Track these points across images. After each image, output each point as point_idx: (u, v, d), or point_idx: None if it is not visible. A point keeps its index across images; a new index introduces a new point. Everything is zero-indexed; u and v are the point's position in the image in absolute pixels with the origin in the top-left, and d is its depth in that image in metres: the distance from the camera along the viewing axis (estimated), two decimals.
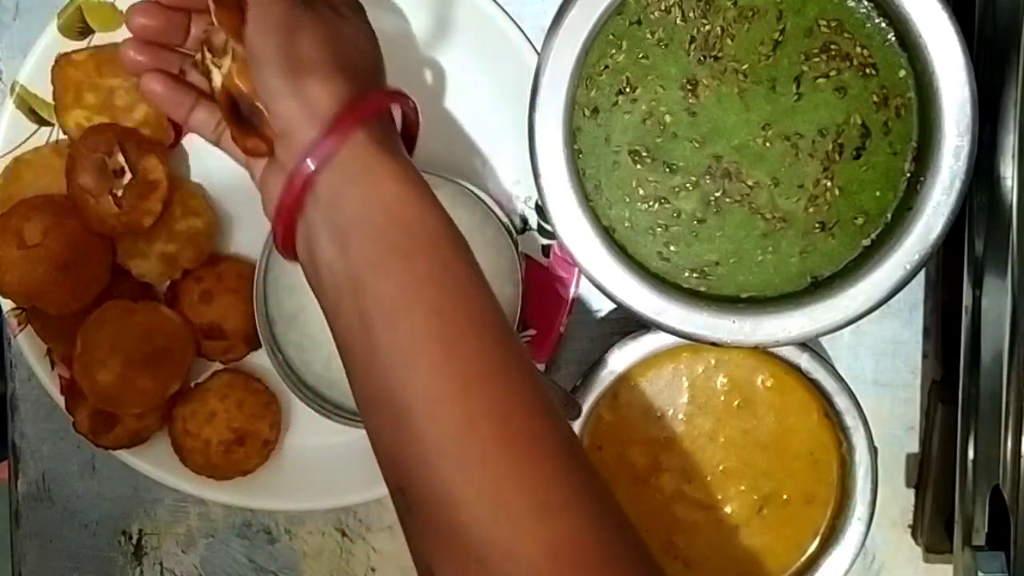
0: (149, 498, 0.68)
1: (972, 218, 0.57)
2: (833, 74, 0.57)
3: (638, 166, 0.58)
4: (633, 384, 0.62)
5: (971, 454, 0.57)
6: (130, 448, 0.64)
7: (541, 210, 0.63)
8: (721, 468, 0.62)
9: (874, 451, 0.61)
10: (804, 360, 0.61)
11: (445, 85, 0.63)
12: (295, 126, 0.45)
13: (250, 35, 0.46)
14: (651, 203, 0.59)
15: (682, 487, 0.62)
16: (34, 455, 0.68)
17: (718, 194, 0.58)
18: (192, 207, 0.63)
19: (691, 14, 0.57)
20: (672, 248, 0.59)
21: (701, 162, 0.58)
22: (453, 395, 0.42)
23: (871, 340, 0.64)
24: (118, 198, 0.60)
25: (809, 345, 0.61)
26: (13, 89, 0.62)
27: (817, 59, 0.57)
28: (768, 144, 0.58)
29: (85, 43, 0.62)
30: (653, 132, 0.58)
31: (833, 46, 0.57)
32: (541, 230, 0.63)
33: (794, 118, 0.58)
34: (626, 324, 0.63)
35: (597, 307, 0.65)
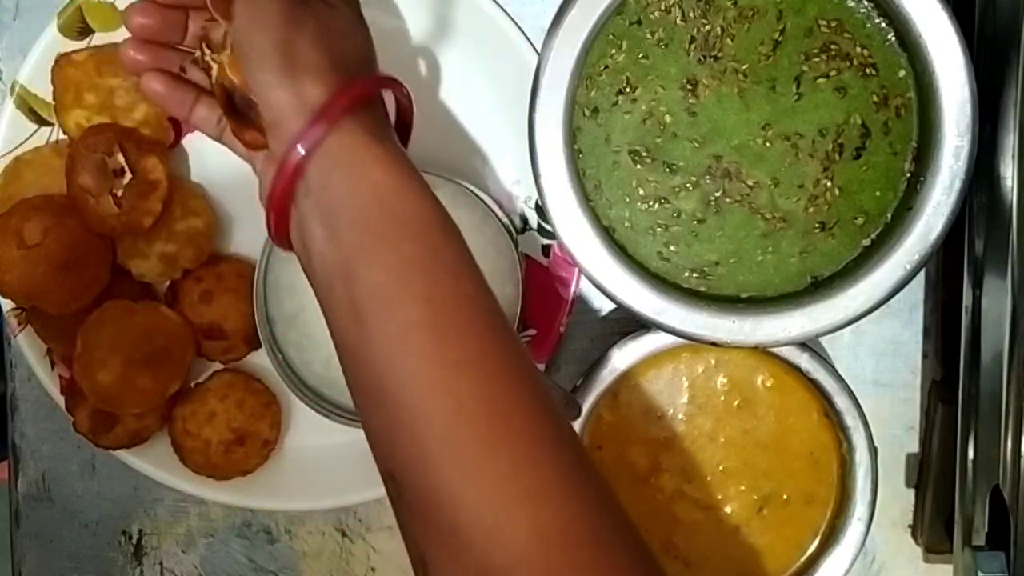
0: (149, 498, 0.68)
1: (972, 218, 0.57)
2: (833, 74, 0.57)
3: (638, 166, 0.58)
4: (633, 384, 0.62)
5: (971, 454, 0.57)
6: (130, 448, 0.64)
7: (541, 210, 0.63)
8: (721, 468, 0.62)
9: (874, 451, 0.61)
10: (804, 360, 0.61)
11: (445, 85, 0.63)
12: (284, 116, 0.45)
13: (238, 27, 0.46)
14: (651, 203, 0.59)
15: (682, 487, 0.62)
16: (34, 455, 0.68)
17: (718, 194, 0.58)
18: (192, 207, 0.63)
19: (691, 14, 0.57)
20: (672, 248, 0.59)
21: (701, 162, 0.58)
22: (442, 382, 0.42)
23: (871, 340, 0.64)
24: (118, 198, 0.60)
25: (809, 345, 0.61)
26: (13, 89, 0.62)
27: (817, 59, 0.57)
28: (768, 144, 0.58)
29: (85, 43, 0.62)
30: (653, 132, 0.58)
31: (833, 46, 0.57)
32: (541, 230, 0.63)
33: (794, 118, 0.58)
34: (626, 324, 0.63)
35: (597, 307, 0.65)
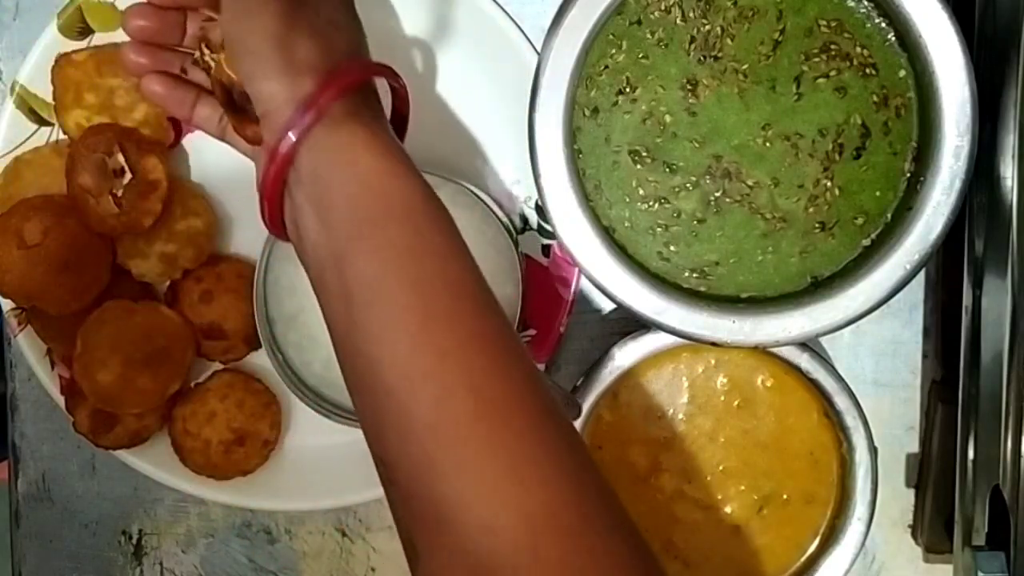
0: (149, 498, 0.68)
1: (972, 218, 0.57)
2: (833, 74, 0.57)
3: (638, 166, 0.58)
4: (633, 384, 0.62)
5: (971, 454, 0.57)
6: (130, 448, 0.64)
7: (541, 210, 0.63)
8: (721, 468, 0.62)
9: (874, 451, 0.61)
10: (804, 360, 0.61)
11: (445, 85, 0.63)
12: (274, 106, 0.45)
13: (225, 20, 0.46)
14: (651, 203, 0.59)
15: (682, 487, 0.62)
16: (34, 455, 0.68)
17: (718, 194, 0.58)
18: (192, 207, 0.63)
19: (691, 14, 0.57)
20: (672, 248, 0.59)
21: (701, 162, 0.58)
22: (430, 367, 0.42)
23: (871, 340, 0.64)
24: (118, 198, 0.60)
25: (809, 345, 0.61)
26: (13, 89, 0.62)
27: (817, 59, 0.57)
28: (768, 144, 0.58)
29: (85, 43, 0.62)
30: (653, 132, 0.58)
31: (833, 46, 0.57)
32: (541, 230, 0.63)
33: (794, 118, 0.58)
34: (626, 324, 0.63)
35: (597, 307, 0.65)
